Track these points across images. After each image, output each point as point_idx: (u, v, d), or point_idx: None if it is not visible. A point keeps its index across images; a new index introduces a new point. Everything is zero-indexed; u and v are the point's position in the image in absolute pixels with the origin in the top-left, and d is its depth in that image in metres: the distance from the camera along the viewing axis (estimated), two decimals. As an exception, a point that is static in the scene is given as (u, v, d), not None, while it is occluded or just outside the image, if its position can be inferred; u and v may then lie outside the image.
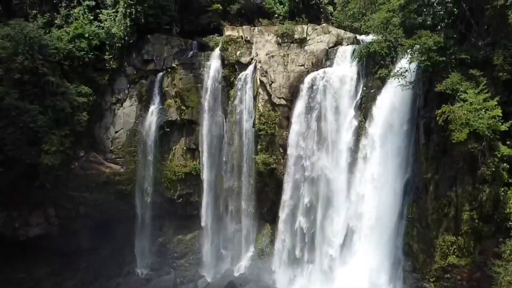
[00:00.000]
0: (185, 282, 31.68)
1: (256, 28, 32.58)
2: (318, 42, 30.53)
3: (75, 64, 31.09)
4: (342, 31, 30.85)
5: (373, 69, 25.50)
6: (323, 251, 29.73)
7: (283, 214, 31.28)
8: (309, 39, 30.86)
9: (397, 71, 22.83)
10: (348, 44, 29.96)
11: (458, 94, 20.65)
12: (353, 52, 28.86)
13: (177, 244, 34.85)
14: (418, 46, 21.84)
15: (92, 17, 32.31)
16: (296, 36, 30.80)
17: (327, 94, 29.35)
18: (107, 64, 32.50)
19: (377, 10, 26.72)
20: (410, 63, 22.21)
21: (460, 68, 21.48)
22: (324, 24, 31.83)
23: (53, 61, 29.49)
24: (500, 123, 20.01)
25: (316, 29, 30.95)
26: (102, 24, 32.29)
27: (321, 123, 29.70)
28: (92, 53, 31.54)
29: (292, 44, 30.89)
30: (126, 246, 34.27)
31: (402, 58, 23.18)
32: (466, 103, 20.27)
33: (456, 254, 22.87)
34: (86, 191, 32.44)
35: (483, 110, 19.85)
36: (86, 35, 31.25)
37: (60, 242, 32.38)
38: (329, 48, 30.32)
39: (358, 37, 30.30)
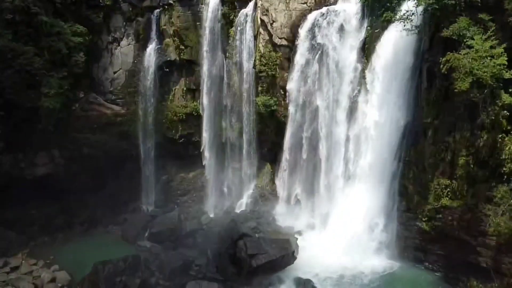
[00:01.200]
0: (189, 218, 32.95)
1: (256, -40, 30.76)
2: (322, -23, 29.01)
3: (68, 2, 29.76)
4: (348, -35, 29.12)
5: (379, 11, 24.47)
6: (322, 188, 30.79)
7: (285, 151, 31.96)
8: (313, -26, 29.30)
9: (403, 14, 21.97)
10: (354, -20, 28.47)
11: (465, 40, 20.10)
12: (359, -11, 27.68)
13: (180, 182, 35.98)
14: (427, -13, 20.83)
15: (82, -51, 30.41)
16: (299, -30, 29.20)
17: (330, 34, 28.54)
18: (101, 1, 31.24)
19: None
20: (417, 6, 21.31)
21: (469, 12, 20.68)
22: (329, -43, 29.95)
23: (44, -1, 28.22)
24: (504, 71, 19.73)
25: (321, -38, 29.23)
26: (93, -44, 30.52)
27: (323, 64, 29.21)
28: (84, -11, 30.16)
29: (294, -21, 29.38)
30: (131, 183, 35.23)
31: (409, 0, 22.18)
32: (471, 50, 19.82)
33: (449, 196, 23.75)
34: (89, 132, 32.76)
35: (489, 58, 19.44)
36: (77, -31, 29.67)
37: (67, 181, 33.25)
38: (334, -17, 28.93)
39: (365, -29, 28.68)
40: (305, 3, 28.97)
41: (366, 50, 27.57)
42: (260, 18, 29.82)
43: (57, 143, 32.14)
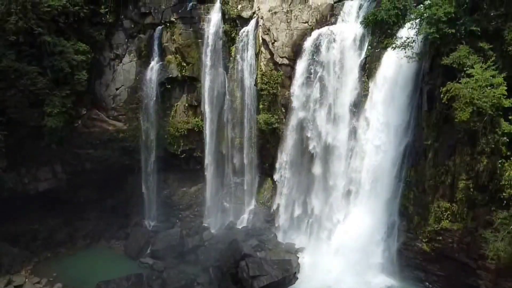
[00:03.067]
0: (191, 234, 33.11)
1: (258, -21, 30.88)
2: (323, -4, 29.11)
3: (70, 20, 29.86)
4: (349, -16, 29.27)
5: (379, 38, 24.63)
6: (323, 206, 30.92)
7: (283, 169, 32.10)
8: (314, -7, 29.40)
9: (404, 42, 22.11)
10: (354, -1, 28.63)
11: (465, 68, 20.25)
12: (360, 8, 27.89)
13: (181, 197, 36.11)
14: (427, 15, 20.96)
15: (85, -32, 30.50)
16: (300, -10, 29.32)
17: (331, 53, 28.65)
18: (103, 18, 31.41)
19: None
20: (418, 34, 21.45)
21: (469, 40, 20.84)
22: (330, -24, 30.06)
23: (47, 19, 28.31)
24: (504, 100, 19.86)
25: (321, -18, 29.32)
26: (95, -25, 30.61)
27: (324, 82, 29.35)
28: (87, 7, 30.21)
29: (295, -1, 29.52)
30: (133, 198, 35.53)
31: (410, 28, 22.32)
32: (471, 79, 19.96)
33: (449, 219, 23.93)
34: (91, 148, 33.01)
35: (489, 87, 19.60)
36: (80, -12, 29.76)
37: (69, 194, 33.58)
38: (335, 2, 29.07)
39: (366, -10, 28.84)
40: (306, 22, 29.07)
41: (367, 69, 27.70)
42: (262, 37, 29.97)
43: (60, 158, 32.46)
